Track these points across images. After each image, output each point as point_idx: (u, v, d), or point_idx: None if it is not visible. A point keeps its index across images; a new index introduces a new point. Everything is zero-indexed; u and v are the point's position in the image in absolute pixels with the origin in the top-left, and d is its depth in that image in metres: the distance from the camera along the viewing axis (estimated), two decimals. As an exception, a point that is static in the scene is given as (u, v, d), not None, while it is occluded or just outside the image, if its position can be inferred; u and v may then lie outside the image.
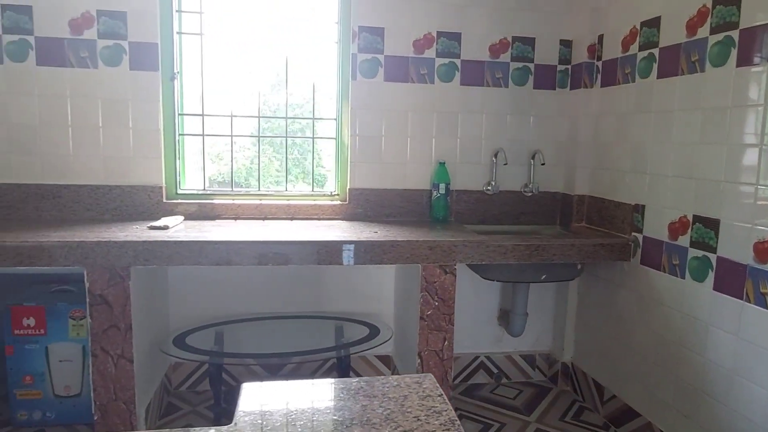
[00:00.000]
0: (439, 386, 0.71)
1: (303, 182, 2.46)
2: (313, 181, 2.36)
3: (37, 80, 2.03)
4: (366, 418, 0.63)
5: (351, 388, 0.71)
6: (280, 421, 0.62)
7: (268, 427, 0.61)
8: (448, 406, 0.66)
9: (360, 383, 0.73)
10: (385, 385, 0.72)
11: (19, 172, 2.05)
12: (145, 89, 2.10)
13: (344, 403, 0.67)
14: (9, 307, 1.81)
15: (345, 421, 0.62)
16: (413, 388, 0.71)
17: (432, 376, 0.75)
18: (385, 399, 0.68)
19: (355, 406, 0.66)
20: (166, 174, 2.17)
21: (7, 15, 1.99)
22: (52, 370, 1.85)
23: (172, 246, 1.70)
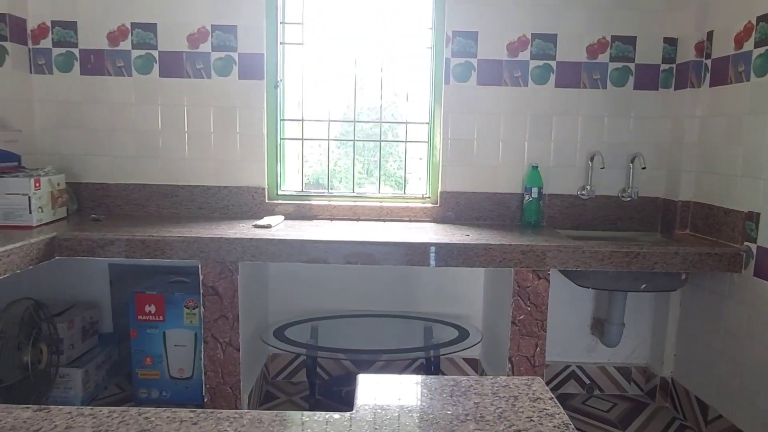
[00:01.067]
0: (549, 390, 0.73)
1: (384, 184, 2.52)
2: (405, 184, 2.42)
3: (160, 91, 2.24)
4: (479, 414, 0.66)
5: (462, 385, 0.74)
6: (397, 412, 0.67)
7: (386, 416, 0.66)
8: (560, 409, 0.67)
9: (470, 381, 0.76)
10: (494, 385, 0.75)
11: (144, 174, 2.27)
12: (251, 97, 2.26)
13: (456, 399, 0.70)
14: (134, 294, 2.02)
15: (459, 416, 0.66)
16: (522, 389, 0.73)
17: (541, 379, 0.76)
18: (496, 398, 0.71)
19: (467, 402, 0.69)
20: (269, 176, 2.32)
21: (135, 32, 2.22)
22: (168, 353, 2.05)
23: (276, 244, 1.82)
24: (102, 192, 2.28)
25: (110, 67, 2.22)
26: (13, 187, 1.83)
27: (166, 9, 2.20)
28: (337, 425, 0.64)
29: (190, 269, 2.24)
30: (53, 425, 0.63)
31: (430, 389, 0.73)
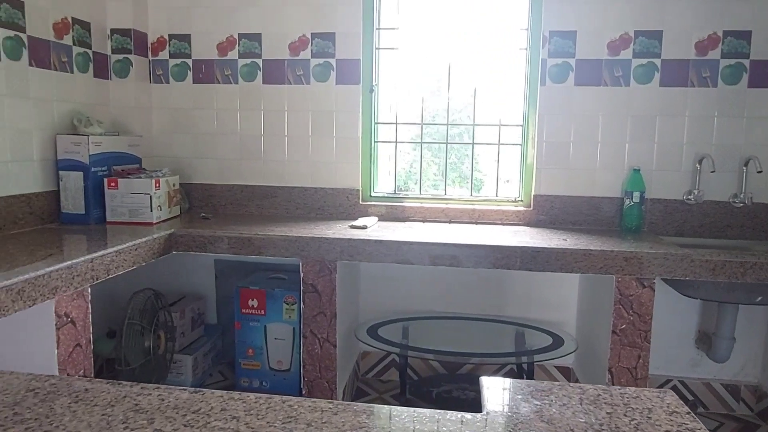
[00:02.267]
0: (684, 404, 0.71)
1: (459, 186, 2.51)
2: (497, 187, 2.40)
3: (263, 97, 2.37)
4: (614, 425, 0.65)
5: (590, 393, 0.74)
6: (530, 417, 0.68)
7: (518, 420, 0.67)
8: (700, 425, 0.65)
9: (597, 390, 0.75)
10: (624, 395, 0.73)
11: (247, 175, 2.41)
12: (347, 101, 2.33)
13: (587, 408, 0.70)
14: (239, 289, 2.15)
15: (594, 424, 0.66)
16: (655, 402, 0.71)
17: (673, 392, 0.74)
18: (629, 409, 0.69)
19: (599, 412, 0.69)
20: (363, 178, 2.38)
21: (242, 43, 2.35)
22: (268, 346, 2.16)
23: (372, 244, 1.87)
24: (209, 192, 2.44)
25: (219, 76, 2.38)
26: (137, 188, 2.01)
27: (270, 20, 2.32)
28: (470, 425, 0.66)
29: (287, 267, 2.35)
30: (210, 407, 0.70)
31: (557, 395, 0.73)
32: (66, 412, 0.67)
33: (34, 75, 1.90)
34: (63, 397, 0.71)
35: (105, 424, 0.65)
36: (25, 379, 0.76)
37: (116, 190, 2.01)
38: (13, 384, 0.75)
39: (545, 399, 0.72)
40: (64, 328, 1.44)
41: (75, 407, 0.68)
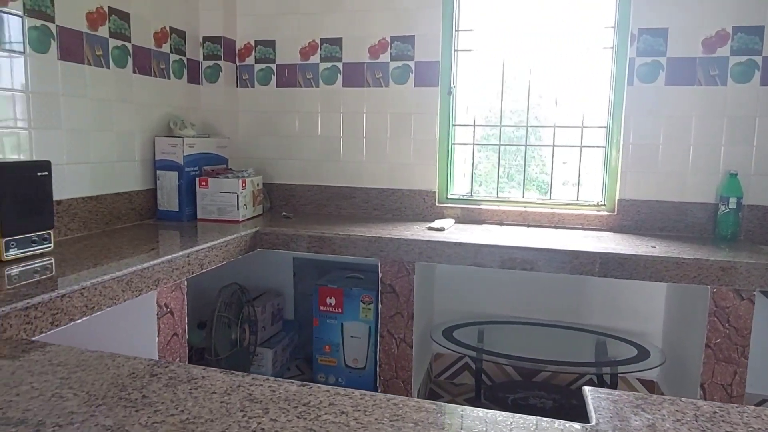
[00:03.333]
0: (814, 427, 0.66)
1: (526, 189, 2.45)
2: (578, 191, 2.33)
3: (343, 99, 2.42)
4: (736, 444, 0.62)
5: (704, 410, 0.70)
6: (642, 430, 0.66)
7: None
8: (836, 451, 0.61)
9: (712, 407, 0.71)
10: (742, 414, 0.70)
11: (326, 176, 2.48)
12: (425, 103, 2.34)
13: (703, 425, 0.67)
14: (318, 287, 2.21)
15: (713, 442, 0.63)
16: (780, 423, 0.67)
17: (799, 414, 0.70)
18: (750, 429, 0.66)
19: (717, 429, 0.66)
20: (439, 180, 2.38)
21: (324, 47, 2.42)
22: (344, 343, 2.20)
23: (451, 246, 1.87)
24: (289, 192, 2.52)
25: (301, 80, 2.46)
26: (225, 187, 2.11)
27: (351, 24, 2.37)
28: (579, 435, 0.65)
29: (364, 266, 2.39)
30: (318, 400, 0.73)
31: (669, 410, 0.71)
32: (188, 398, 0.72)
33: (137, 81, 2.04)
34: (183, 384, 0.76)
35: (225, 411, 0.69)
36: (148, 364, 0.82)
37: (206, 189, 2.12)
38: (138, 368, 0.81)
39: (657, 413, 0.70)
40: (164, 318, 1.54)
41: (195, 393, 0.73)
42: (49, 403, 0.69)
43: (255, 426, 0.65)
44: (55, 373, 0.78)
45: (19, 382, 0.75)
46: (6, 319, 1.07)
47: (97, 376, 0.77)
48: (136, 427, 0.64)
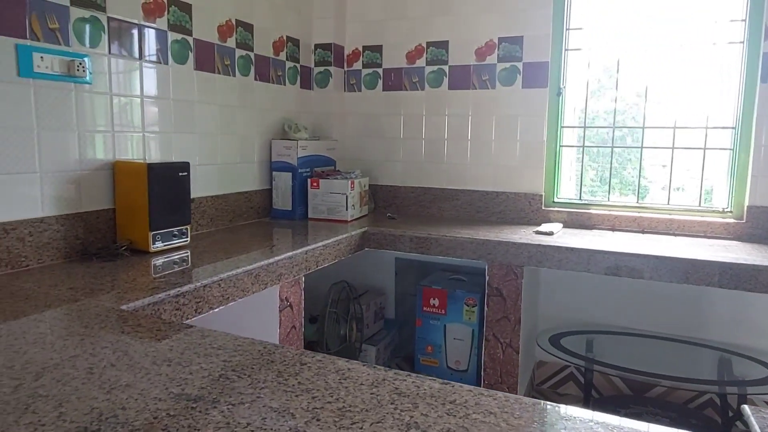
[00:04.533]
0: None
1: (620, 194, 2.31)
2: (701, 196, 2.17)
3: (448, 102, 2.44)
4: None
5: None
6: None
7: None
8: None
9: None
10: None
11: (430, 178, 2.50)
12: (533, 105, 2.29)
13: None
14: (422, 287, 2.23)
15: None
16: None
17: None
18: None
19: None
20: (546, 183, 2.32)
21: (430, 50, 2.44)
22: (447, 345, 2.21)
23: (563, 251, 1.82)
24: (393, 193, 2.57)
25: (407, 83, 2.50)
26: (335, 188, 2.20)
27: (458, 27, 2.38)
28: (751, 456, 0.61)
29: (465, 268, 2.39)
30: (464, 399, 0.74)
31: None
32: (339, 387, 0.76)
33: (258, 88, 2.18)
34: (332, 374, 0.81)
35: (376, 402, 0.72)
36: (296, 353, 0.88)
37: (317, 189, 2.22)
38: (287, 356, 0.87)
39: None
40: (285, 311, 1.63)
41: (345, 383, 0.77)
42: (219, 383, 0.76)
43: (408, 419, 0.68)
44: (218, 355, 0.86)
45: (189, 362, 0.83)
46: (161, 304, 1.19)
47: (253, 361, 0.84)
48: (299, 411, 0.69)
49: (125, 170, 1.54)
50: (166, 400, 0.71)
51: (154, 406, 0.69)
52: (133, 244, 1.53)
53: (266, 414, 0.68)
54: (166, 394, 0.72)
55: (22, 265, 1.34)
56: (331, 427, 0.65)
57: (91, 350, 0.86)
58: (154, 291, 1.19)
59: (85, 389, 0.73)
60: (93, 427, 0.64)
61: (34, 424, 0.64)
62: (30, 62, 1.32)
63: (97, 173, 1.53)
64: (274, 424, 0.65)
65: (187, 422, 0.65)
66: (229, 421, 0.66)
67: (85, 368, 0.79)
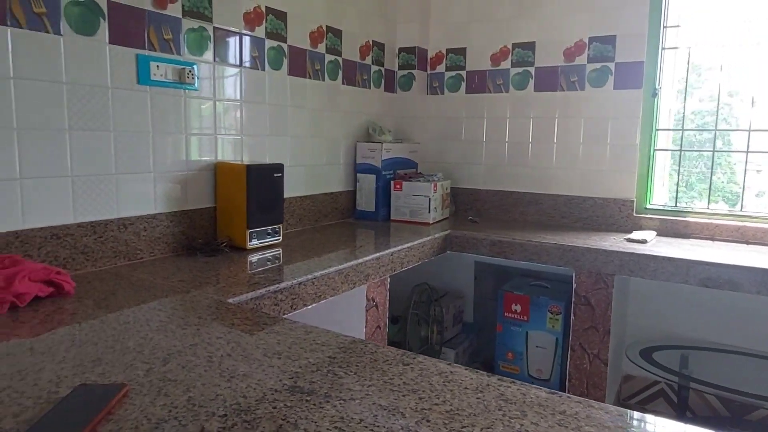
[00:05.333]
0: None
1: (708, 200, 2.14)
2: (816, 205, 2.00)
3: (534, 104, 2.39)
4: None
5: None
6: None
7: None
8: None
9: None
10: None
11: (512, 181, 2.46)
12: (625, 106, 2.20)
13: None
14: (503, 292, 2.20)
15: None
16: None
17: None
18: None
19: None
20: (638, 188, 2.22)
21: (515, 52, 2.40)
22: (528, 352, 2.17)
23: (659, 261, 1.73)
24: (474, 197, 2.55)
25: (491, 85, 2.47)
26: (418, 190, 2.21)
27: (545, 27, 2.32)
28: None
29: (548, 275, 2.33)
30: (573, 410, 0.73)
31: None
32: (444, 390, 0.77)
33: (345, 91, 2.23)
34: (435, 376, 0.82)
35: (483, 407, 0.72)
36: (398, 354, 0.90)
37: (400, 191, 2.24)
38: (389, 356, 0.89)
39: None
40: (371, 311, 1.66)
41: (450, 386, 0.78)
42: (328, 378, 0.79)
43: (518, 427, 0.68)
44: (323, 351, 0.89)
45: (297, 356, 0.87)
46: (261, 299, 1.25)
47: (357, 359, 0.87)
48: (408, 411, 0.70)
49: (226, 171, 1.63)
50: (281, 391, 0.75)
51: (272, 396, 0.73)
52: (232, 241, 1.62)
53: (377, 412, 0.70)
54: (281, 385, 0.76)
55: (137, 258, 1.46)
56: (442, 429, 0.66)
57: (207, 340, 0.92)
58: (255, 286, 1.25)
59: (207, 376, 0.78)
60: (220, 413, 0.68)
61: (167, 406, 0.70)
62: (148, 71, 1.43)
63: (201, 173, 1.63)
64: (385, 422, 0.67)
65: (303, 414, 0.68)
66: (342, 416, 0.68)
67: (204, 356, 0.85)
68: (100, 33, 1.33)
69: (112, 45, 1.36)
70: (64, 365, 0.80)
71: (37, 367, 0.79)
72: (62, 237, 1.28)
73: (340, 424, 0.66)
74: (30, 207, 1.23)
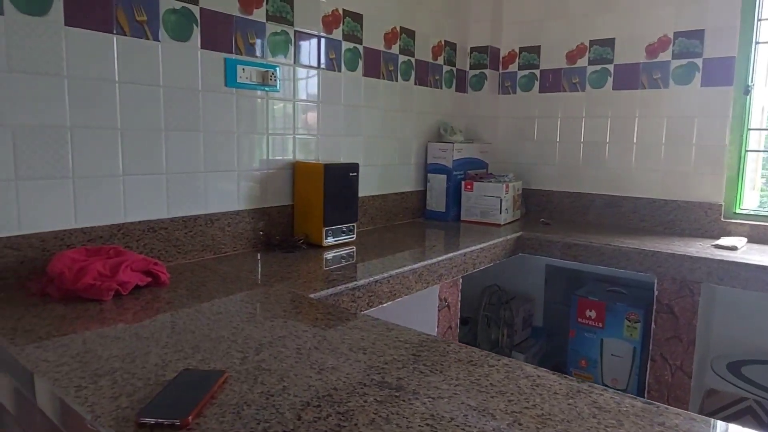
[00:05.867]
0: None
1: None
2: None
3: (612, 103, 2.30)
4: None
5: None
6: None
7: None
8: None
9: None
10: None
11: (588, 183, 2.38)
12: (713, 105, 2.07)
13: None
14: (577, 297, 2.14)
15: None
16: None
17: None
18: None
19: None
20: (727, 192, 2.09)
21: (593, 49, 2.32)
22: (603, 360, 2.09)
23: (752, 269, 1.62)
24: (546, 198, 2.49)
25: (566, 84, 2.40)
26: (489, 191, 2.19)
27: (626, 23, 2.23)
28: None
29: (624, 280, 2.23)
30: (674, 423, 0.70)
31: None
32: (533, 393, 0.76)
33: (417, 92, 2.24)
34: (522, 379, 0.81)
35: (575, 414, 0.71)
36: (482, 354, 0.90)
37: (471, 192, 2.23)
38: (474, 356, 0.88)
39: None
40: (443, 311, 1.66)
41: (539, 390, 0.77)
42: (414, 375, 0.80)
43: (615, 435, 0.66)
44: (406, 348, 0.90)
45: (382, 352, 0.88)
46: (340, 296, 1.28)
47: (441, 357, 0.87)
48: (498, 412, 0.70)
49: (304, 170, 1.68)
50: (370, 385, 0.76)
51: (361, 390, 0.75)
52: (308, 238, 1.66)
53: (466, 411, 0.70)
54: (369, 380, 0.78)
55: (221, 252, 1.53)
56: (535, 433, 0.65)
57: (294, 332, 0.95)
58: (333, 283, 1.28)
59: (299, 367, 0.81)
60: (314, 403, 0.70)
61: (264, 394, 0.73)
62: (234, 73, 1.49)
63: (280, 172, 1.69)
64: (477, 422, 0.67)
65: (394, 410, 0.70)
66: (432, 414, 0.69)
67: (294, 348, 0.88)
68: (193, 39, 1.40)
69: (204, 50, 1.43)
70: (167, 350, 0.85)
71: (144, 351, 0.85)
72: (157, 230, 1.36)
73: (431, 422, 0.67)
74: (130, 202, 1.31)
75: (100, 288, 1.05)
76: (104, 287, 1.05)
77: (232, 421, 0.65)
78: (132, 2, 1.27)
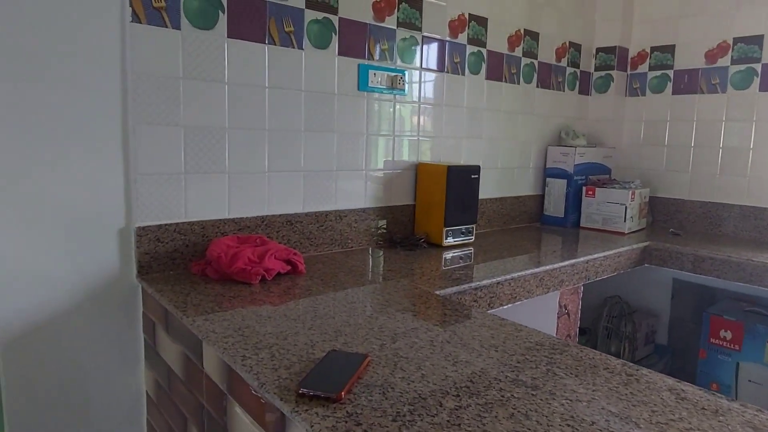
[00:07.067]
0: None
1: None
2: None
3: (758, 106, 2.09)
4: None
5: None
6: None
7: None
8: None
9: None
10: None
11: (725, 193, 2.18)
12: None
13: None
14: (709, 316, 1.98)
15: None
16: None
17: None
18: None
19: None
20: None
21: (737, 47, 2.14)
22: (739, 386, 1.92)
23: None
24: (675, 207, 2.33)
25: (704, 85, 2.23)
26: (613, 197, 2.09)
27: (781, 17, 2.03)
28: None
29: (764, 300, 2.03)
30: None
31: None
32: (678, 406, 0.73)
33: (539, 95, 2.21)
34: (665, 391, 0.78)
35: (728, 430, 0.67)
36: (619, 363, 0.88)
37: (593, 198, 2.15)
38: (610, 364, 0.87)
39: None
40: (562, 318, 1.63)
41: (684, 404, 0.74)
42: (549, 377, 0.80)
43: (777, 458, 0.62)
44: (538, 350, 0.91)
45: (513, 351, 0.90)
46: (463, 294, 1.30)
47: (576, 363, 0.86)
48: (642, 421, 0.69)
49: (427, 171, 1.73)
50: (505, 381, 0.78)
51: (497, 385, 0.77)
52: (429, 238, 1.71)
53: (608, 417, 0.69)
54: (504, 376, 0.80)
55: (348, 246, 1.62)
56: (685, 445, 0.63)
57: (425, 326, 0.99)
58: (457, 282, 1.31)
59: (434, 358, 0.85)
60: (453, 393, 0.74)
61: (405, 379, 0.77)
62: (366, 78, 1.58)
63: (404, 173, 1.75)
64: (620, 429, 0.66)
65: (532, 407, 0.71)
66: (572, 415, 0.69)
67: (426, 340, 0.92)
68: (332, 46, 1.50)
69: (340, 56, 1.53)
70: (313, 332, 0.94)
71: (293, 331, 0.94)
72: (294, 223, 1.48)
73: (571, 422, 0.67)
74: (273, 196, 1.44)
75: (250, 272, 1.16)
76: (253, 272, 1.17)
77: (380, 401, 0.71)
78: (282, 14, 1.39)
